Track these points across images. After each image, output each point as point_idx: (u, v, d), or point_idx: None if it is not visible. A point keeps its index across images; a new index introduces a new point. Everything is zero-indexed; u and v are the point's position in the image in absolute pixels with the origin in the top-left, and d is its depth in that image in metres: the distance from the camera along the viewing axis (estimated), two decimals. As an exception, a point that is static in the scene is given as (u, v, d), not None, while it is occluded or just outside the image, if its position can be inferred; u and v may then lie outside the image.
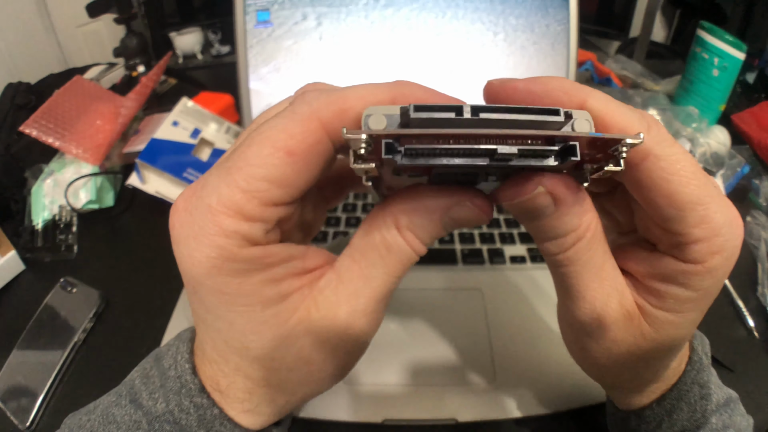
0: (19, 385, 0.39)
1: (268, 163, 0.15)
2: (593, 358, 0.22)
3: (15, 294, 0.48)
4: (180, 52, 0.96)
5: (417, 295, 0.44)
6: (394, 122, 0.15)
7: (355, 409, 0.35)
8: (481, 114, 0.15)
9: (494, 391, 0.37)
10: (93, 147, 0.58)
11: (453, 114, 0.14)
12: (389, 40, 0.56)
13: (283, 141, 0.16)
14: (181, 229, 0.16)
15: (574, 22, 0.55)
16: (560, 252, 0.18)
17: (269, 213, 0.16)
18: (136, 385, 0.19)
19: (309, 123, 0.16)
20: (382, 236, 0.18)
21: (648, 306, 0.19)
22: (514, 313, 0.42)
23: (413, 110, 0.14)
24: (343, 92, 0.16)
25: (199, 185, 0.17)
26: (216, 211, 0.15)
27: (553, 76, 0.17)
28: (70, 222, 0.55)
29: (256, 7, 0.55)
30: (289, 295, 0.18)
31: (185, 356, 0.19)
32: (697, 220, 0.17)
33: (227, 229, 0.16)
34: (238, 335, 0.17)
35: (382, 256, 0.18)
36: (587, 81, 0.81)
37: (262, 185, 0.16)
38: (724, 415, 0.24)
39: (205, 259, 0.16)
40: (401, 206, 0.18)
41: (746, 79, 0.81)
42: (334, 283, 0.18)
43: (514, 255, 0.48)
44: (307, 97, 0.16)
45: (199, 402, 0.18)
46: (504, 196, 0.17)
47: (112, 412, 0.19)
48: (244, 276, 0.16)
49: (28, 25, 0.87)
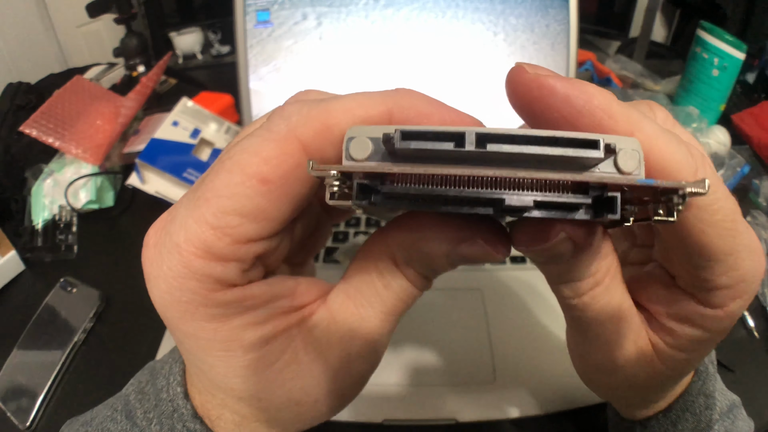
0: (19, 385, 0.39)
1: (239, 193, 0.13)
2: (604, 387, 0.21)
3: (15, 294, 0.48)
4: (180, 52, 0.96)
5: (417, 295, 0.44)
6: (381, 147, 0.12)
7: (355, 409, 0.35)
8: (490, 145, 0.11)
9: (494, 391, 0.36)
10: (93, 147, 0.58)
11: (452, 144, 0.11)
12: (389, 40, 0.56)
13: (255, 166, 0.13)
14: (151, 268, 0.15)
15: (574, 22, 0.55)
16: (575, 296, 0.16)
17: (244, 251, 0.14)
18: (131, 402, 0.19)
19: (286, 144, 0.13)
20: (378, 270, 0.16)
21: (662, 344, 0.18)
22: (514, 313, 0.42)
23: (400, 138, 0.11)
24: (326, 105, 0.14)
25: (169, 217, 0.15)
26: (184, 250, 0.13)
27: (601, 89, 0.13)
28: (70, 222, 0.55)
29: (256, 7, 0.55)
30: (275, 337, 0.16)
31: (177, 379, 0.18)
32: (726, 269, 0.15)
33: (197, 271, 0.13)
34: (219, 377, 0.16)
35: (378, 294, 0.16)
36: (587, 81, 0.81)
37: (233, 220, 0.13)
38: (726, 422, 0.24)
39: (176, 303, 0.14)
40: (401, 236, 0.16)
41: (746, 79, 0.81)
42: (326, 322, 0.16)
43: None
44: (285, 112, 0.14)
45: (191, 427, 0.17)
46: (519, 240, 0.15)
47: (108, 426, 0.18)
48: (220, 321, 0.14)
49: (28, 25, 0.87)
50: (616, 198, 0.11)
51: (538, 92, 0.13)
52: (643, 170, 0.12)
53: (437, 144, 0.11)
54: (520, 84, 0.13)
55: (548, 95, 0.13)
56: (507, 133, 0.11)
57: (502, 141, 0.11)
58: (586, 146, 0.11)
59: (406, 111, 0.14)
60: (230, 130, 0.64)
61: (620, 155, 0.11)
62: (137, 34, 0.85)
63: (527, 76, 0.13)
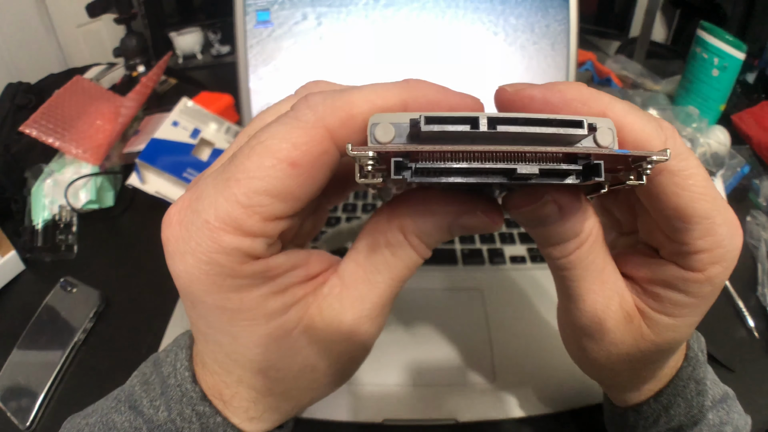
0: (19, 385, 0.39)
1: (271, 175, 0.14)
2: (593, 359, 0.22)
3: (15, 294, 0.48)
4: (180, 52, 0.96)
5: (417, 295, 0.44)
6: (403, 131, 0.14)
7: (355, 409, 0.35)
8: (499, 127, 0.13)
9: (494, 391, 0.37)
10: (93, 147, 0.58)
11: (468, 126, 0.13)
12: (389, 40, 0.56)
13: (286, 151, 0.14)
14: (177, 244, 0.15)
15: (574, 22, 0.55)
16: (563, 256, 0.18)
17: (271, 227, 0.15)
18: (136, 392, 0.19)
19: (314, 132, 0.15)
20: (387, 240, 0.17)
21: (648, 309, 0.19)
22: (514, 313, 0.42)
23: (424, 122, 0.13)
24: (349, 96, 0.15)
25: (194, 196, 0.15)
26: (214, 227, 0.14)
27: (569, 83, 0.16)
28: (70, 222, 0.55)
29: (256, 7, 0.55)
30: (294, 305, 0.17)
31: (184, 364, 0.19)
32: (702, 232, 0.17)
33: (227, 246, 0.15)
34: (241, 349, 0.17)
35: (387, 261, 0.18)
36: (587, 81, 0.81)
37: (264, 200, 0.14)
38: (721, 412, 0.24)
39: (204, 276, 0.15)
40: (408, 210, 0.17)
41: (746, 79, 0.81)
42: (338, 288, 0.18)
43: (514, 255, 0.48)
44: (311, 102, 0.15)
45: (201, 410, 0.18)
46: (511, 204, 0.17)
47: (112, 418, 0.18)
48: (246, 291, 0.16)
49: (28, 25, 0.87)
50: (601, 164, 0.13)
51: (521, 103, 0.16)
52: (616, 144, 0.15)
53: (456, 126, 0.13)
54: (505, 101, 0.17)
55: (530, 103, 0.16)
56: (512, 116, 0.13)
57: (509, 123, 0.13)
58: (573, 126, 0.14)
59: (419, 99, 0.15)
60: (230, 130, 0.64)
61: (598, 133, 0.14)
62: (137, 34, 0.85)
63: (507, 94, 0.16)
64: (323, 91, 0.16)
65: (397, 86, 0.15)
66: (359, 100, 0.15)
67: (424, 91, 0.16)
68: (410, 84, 0.16)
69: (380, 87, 0.15)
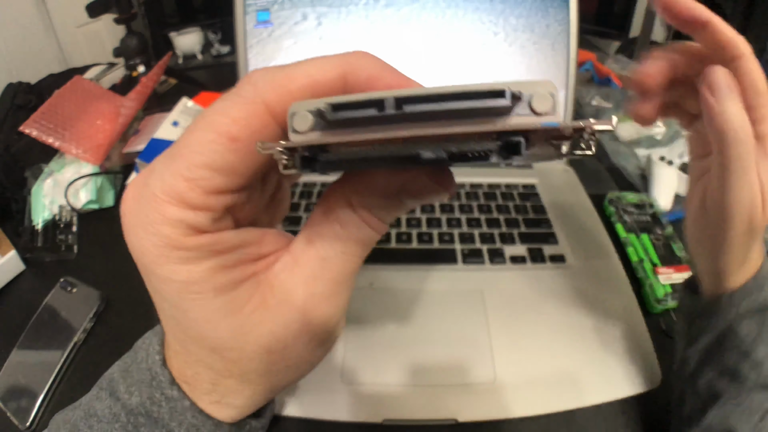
0: (19, 385, 0.39)
1: (210, 149, 0.15)
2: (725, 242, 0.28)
3: (15, 294, 0.48)
4: (180, 52, 0.96)
5: (417, 295, 0.44)
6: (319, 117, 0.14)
7: (355, 409, 0.35)
8: (406, 107, 0.13)
9: (494, 391, 0.36)
10: (93, 147, 0.58)
11: (375, 110, 0.13)
12: (389, 40, 0.56)
13: (225, 126, 0.15)
14: (130, 217, 0.16)
15: (574, 22, 0.55)
16: None
17: (214, 201, 0.15)
18: (115, 378, 0.19)
19: (253, 107, 0.15)
20: (336, 215, 0.17)
21: None
22: (514, 313, 0.42)
23: (330, 110, 0.13)
24: (289, 71, 0.15)
25: (147, 172, 0.16)
26: (160, 199, 0.15)
27: None
28: (70, 222, 0.55)
29: (256, 7, 0.55)
30: (243, 282, 0.17)
31: (156, 348, 0.19)
32: None
33: (171, 217, 0.15)
34: (192, 324, 0.17)
35: (338, 236, 0.17)
36: (587, 81, 0.81)
37: (205, 173, 0.15)
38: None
39: (153, 247, 0.15)
40: (354, 184, 0.17)
41: (746, 79, 0.81)
42: (290, 266, 0.18)
43: (514, 255, 0.48)
44: (252, 78, 0.15)
45: (169, 394, 0.18)
46: None
47: (93, 405, 0.19)
48: (192, 263, 0.16)
49: (28, 25, 0.87)
50: (520, 142, 0.12)
51: None
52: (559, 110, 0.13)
53: (363, 111, 0.13)
54: None
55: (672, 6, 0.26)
56: (422, 94, 0.12)
57: (418, 102, 0.12)
58: (492, 96, 0.12)
59: (358, 73, 0.15)
60: (230, 130, 0.64)
61: (535, 98, 0.13)
62: (137, 34, 0.85)
63: None
64: (266, 68, 0.16)
65: (338, 59, 0.16)
66: (298, 75, 0.15)
67: (364, 65, 0.16)
68: (351, 57, 0.16)
69: (320, 61, 0.16)
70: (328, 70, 0.15)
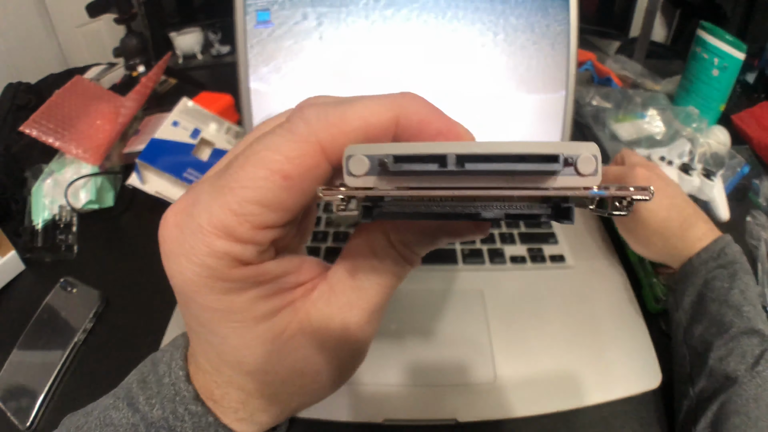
0: (19, 385, 0.39)
1: (263, 186, 0.15)
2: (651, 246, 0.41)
3: (15, 294, 0.48)
4: (180, 52, 0.96)
5: (417, 295, 0.44)
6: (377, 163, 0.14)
7: (355, 409, 0.35)
8: (468, 165, 0.13)
9: (494, 391, 0.37)
10: (93, 147, 0.58)
11: (436, 165, 0.13)
12: (389, 41, 0.56)
13: (279, 164, 0.15)
14: (172, 245, 0.16)
15: (574, 22, 0.55)
16: None
17: (262, 236, 0.16)
18: (134, 390, 0.19)
19: (307, 146, 0.15)
20: (373, 248, 0.18)
21: None
22: (514, 313, 0.42)
23: (392, 162, 0.13)
24: (342, 111, 0.15)
25: (190, 200, 0.16)
26: (207, 231, 0.15)
27: None
28: (70, 222, 0.55)
29: (256, 7, 0.55)
30: (282, 310, 0.18)
31: (179, 363, 0.19)
32: None
33: (218, 250, 0.15)
34: (230, 350, 0.17)
35: (375, 268, 0.18)
36: (587, 81, 0.81)
37: (255, 209, 0.15)
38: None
39: (196, 277, 0.16)
40: (392, 222, 0.18)
41: (746, 79, 0.81)
42: (327, 294, 0.18)
43: (514, 255, 0.48)
44: (305, 114, 0.16)
45: (193, 410, 0.18)
46: None
47: (110, 414, 0.19)
48: (235, 294, 0.16)
49: (28, 25, 0.87)
50: (571, 208, 0.13)
51: None
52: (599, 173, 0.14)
53: (424, 165, 0.13)
54: None
55: None
56: (482, 153, 0.13)
57: (479, 160, 0.13)
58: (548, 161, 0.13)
59: (410, 117, 0.16)
60: (230, 130, 0.64)
61: (580, 161, 0.13)
62: (137, 34, 0.85)
63: None
64: (318, 104, 0.16)
65: (390, 102, 0.16)
66: (353, 117, 0.15)
67: (415, 109, 0.16)
68: (403, 100, 0.16)
69: (373, 102, 0.16)
70: (382, 113, 0.16)
